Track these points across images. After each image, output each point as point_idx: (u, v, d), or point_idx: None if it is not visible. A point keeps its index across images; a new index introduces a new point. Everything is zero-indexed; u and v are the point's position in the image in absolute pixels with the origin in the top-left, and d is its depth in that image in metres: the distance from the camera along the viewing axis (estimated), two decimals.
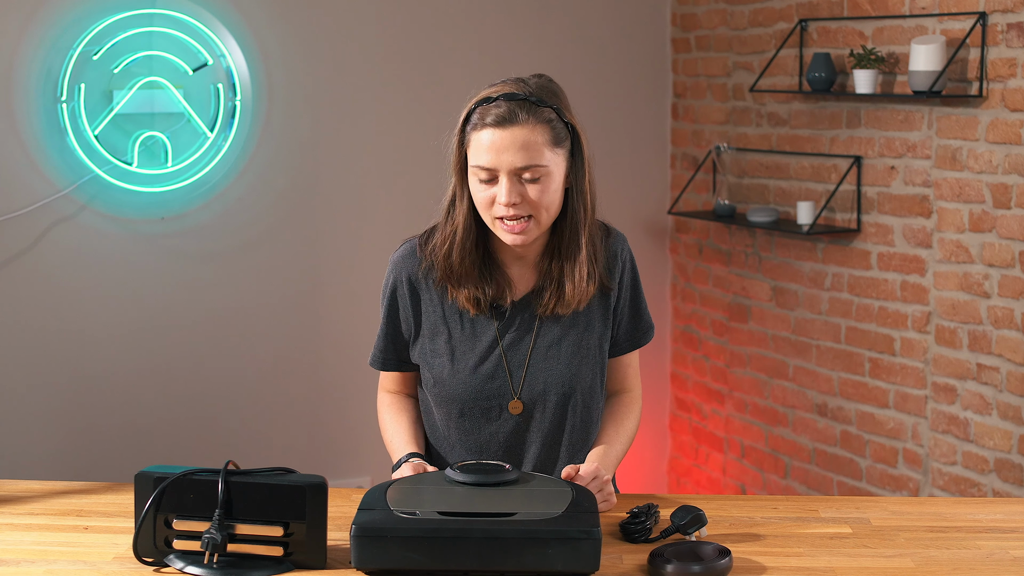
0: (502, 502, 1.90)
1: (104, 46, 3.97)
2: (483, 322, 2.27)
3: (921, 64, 3.62)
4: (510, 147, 2.14)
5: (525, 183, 2.16)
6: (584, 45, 4.74)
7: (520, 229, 2.17)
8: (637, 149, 4.89)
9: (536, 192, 2.16)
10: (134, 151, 4.04)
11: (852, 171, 4.04)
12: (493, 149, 2.14)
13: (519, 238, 2.18)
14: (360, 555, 1.83)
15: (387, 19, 4.42)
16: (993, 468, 3.64)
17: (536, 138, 2.15)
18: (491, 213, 2.18)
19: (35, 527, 2.07)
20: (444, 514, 1.87)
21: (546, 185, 2.17)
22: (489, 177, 2.16)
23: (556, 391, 2.25)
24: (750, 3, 4.48)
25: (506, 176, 2.15)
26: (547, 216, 2.20)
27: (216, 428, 4.30)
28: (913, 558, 1.95)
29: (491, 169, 2.15)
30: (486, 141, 2.15)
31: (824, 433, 4.25)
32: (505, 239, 2.20)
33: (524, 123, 2.14)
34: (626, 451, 2.33)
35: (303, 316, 4.39)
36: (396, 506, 1.89)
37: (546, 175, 2.16)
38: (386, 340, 2.34)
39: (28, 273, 4.01)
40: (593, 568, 1.83)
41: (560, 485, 1.99)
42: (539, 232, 2.21)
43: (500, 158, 2.14)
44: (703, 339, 4.83)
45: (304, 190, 4.38)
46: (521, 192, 2.15)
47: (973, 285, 3.67)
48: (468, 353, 2.26)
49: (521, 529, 1.83)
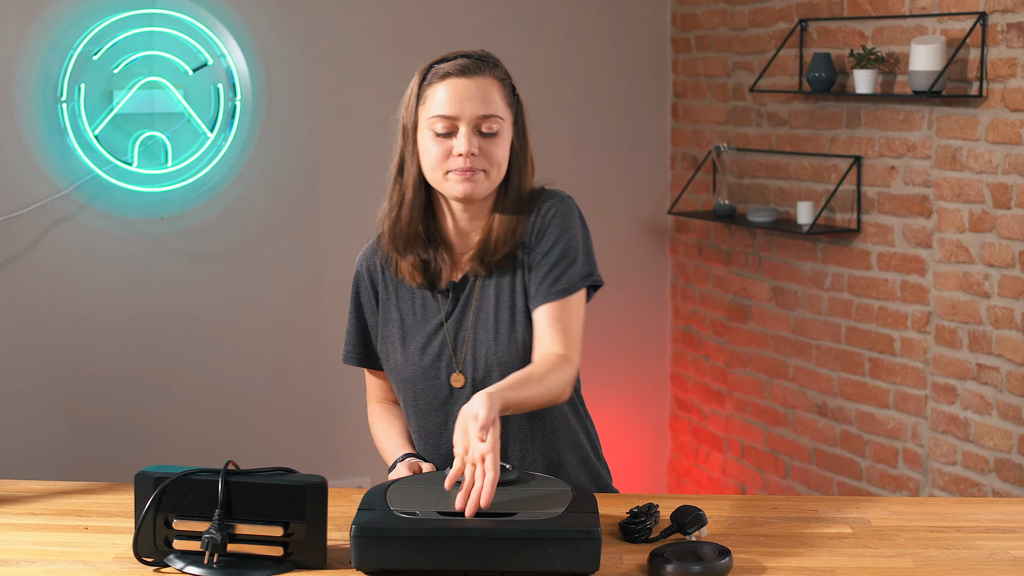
0: (502, 502, 1.90)
1: (104, 46, 3.97)
2: (431, 304, 2.28)
3: (921, 64, 3.62)
4: (473, 96, 2.18)
5: (482, 136, 2.18)
6: (584, 45, 4.74)
7: (471, 177, 2.17)
8: (637, 149, 4.89)
9: (492, 146, 2.19)
10: (134, 151, 4.05)
11: (852, 171, 4.04)
12: (456, 98, 2.18)
13: (470, 186, 2.18)
14: (360, 555, 1.83)
15: (387, 19, 4.42)
16: (993, 468, 3.64)
17: (495, 91, 2.20)
18: (444, 167, 2.19)
19: (35, 527, 2.07)
20: (444, 514, 1.87)
21: (501, 141, 2.20)
22: (447, 129, 2.18)
23: (496, 360, 2.23)
24: (750, 3, 4.48)
25: (466, 126, 2.17)
26: (497, 173, 2.21)
27: (216, 428, 4.30)
28: (913, 558, 1.95)
29: (452, 118, 2.17)
30: (448, 90, 2.18)
31: (824, 433, 4.25)
32: (455, 191, 2.19)
33: (484, 75, 2.20)
34: (524, 398, 2.08)
35: (303, 316, 4.39)
36: (396, 506, 1.89)
37: (501, 131, 2.20)
38: (353, 335, 2.37)
39: (28, 273, 4.01)
40: (593, 568, 1.83)
41: (560, 485, 1.99)
42: (488, 189, 2.21)
43: (462, 106, 2.17)
44: (703, 339, 4.83)
45: (304, 190, 4.39)
46: (478, 145, 2.17)
47: (973, 285, 3.67)
48: (418, 336, 2.28)
49: (521, 529, 1.83)
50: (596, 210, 4.86)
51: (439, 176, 2.20)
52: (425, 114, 2.21)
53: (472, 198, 2.20)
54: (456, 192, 2.19)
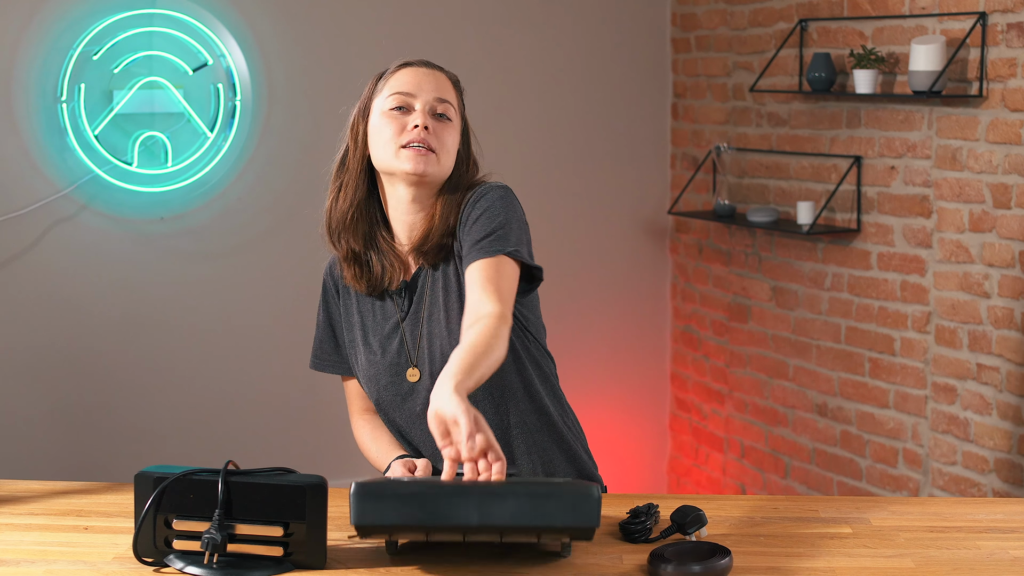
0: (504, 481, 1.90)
1: (104, 46, 3.97)
2: (389, 306, 2.31)
3: (921, 64, 3.62)
4: (431, 81, 2.27)
5: (436, 120, 2.24)
6: (584, 45, 4.74)
7: (425, 154, 2.21)
8: (637, 149, 4.89)
9: (444, 131, 2.24)
10: (134, 151, 4.05)
11: (852, 171, 4.04)
12: (414, 80, 2.27)
13: (422, 161, 2.21)
14: (360, 511, 1.82)
15: (387, 19, 4.42)
16: (993, 468, 3.64)
17: (449, 87, 2.30)
18: (397, 142, 2.22)
19: (35, 527, 2.07)
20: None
21: (452, 129, 2.26)
22: (403, 105, 2.24)
23: (444, 349, 2.24)
24: (750, 3, 4.48)
25: (422, 104, 2.25)
26: (447, 160, 2.25)
27: (216, 428, 4.30)
28: (913, 558, 1.95)
29: (410, 94, 2.25)
30: (407, 75, 2.28)
31: (824, 433, 4.25)
32: (407, 165, 2.21)
33: (442, 72, 2.31)
34: (479, 379, 2.01)
35: (303, 316, 4.38)
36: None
37: (454, 122, 2.27)
38: (326, 343, 2.41)
39: (28, 273, 4.01)
40: (594, 523, 1.82)
41: (560, 477, 2.00)
42: (438, 173, 2.23)
43: (421, 86, 2.26)
44: (703, 339, 4.83)
45: (304, 190, 4.38)
46: (432, 126, 2.23)
47: (973, 285, 3.67)
48: (378, 336, 2.31)
49: (522, 484, 1.84)
50: (596, 210, 4.87)
51: (391, 152, 2.23)
52: (380, 98, 2.28)
53: (423, 174, 2.21)
54: (407, 167, 2.21)
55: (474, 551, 1.96)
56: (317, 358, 2.44)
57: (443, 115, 2.25)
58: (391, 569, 1.89)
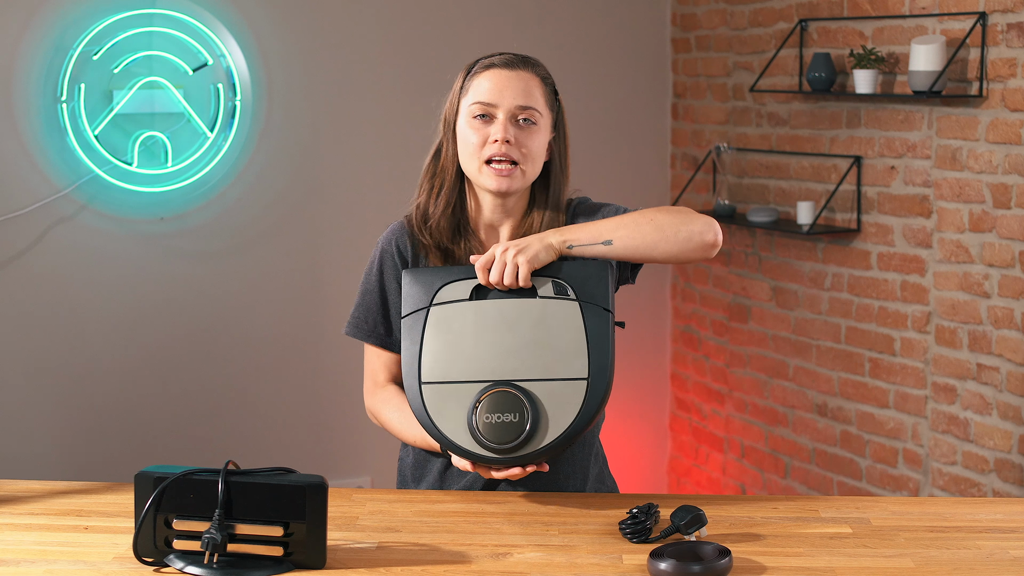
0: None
1: (104, 46, 3.97)
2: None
3: (921, 64, 3.62)
4: (514, 86, 2.23)
5: (519, 127, 2.23)
6: (584, 45, 4.74)
7: (507, 172, 2.22)
8: (637, 149, 4.89)
9: (527, 137, 2.23)
10: (134, 151, 4.05)
11: (852, 171, 4.04)
12: (496, 87, 2.23)
13: (504, 181, 2.22)
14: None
15: (387, 19, 4.42)
16: (993, 468, 3.64)
17: (536, 86, 2.26)
18: (480, 156, 2.23)
19: (35, 527, 2.07)
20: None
21: (537, 134, 2.24)
22: (485, 113, 2.23)
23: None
24: (750, 3, 4.48)
25: (504, 114, 2.22)
26: (532, 168, 2.25)
27: (216, 428, 4.30)
28: (913, 558, 1.95)
29: (491, 104, 2.23)
30: (490, 79, 2.24)
31: (824, 433, 4.25)
32: (490, 184, 2.23)
33: (528, 70, 2.26)
34: (603, 225, 2.20)
35: (303, 316, 4.39)
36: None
37: (539, 126, 2.25)
38: (374, 313, 2.35)
39: (28, 273, 4.01)
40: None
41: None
42: (522, 184, 2.25)
43: (502, 95, 2.22)
44: (703, 339, 4.83)
45: (304, 190, 4.39)
46: (515, 135, 2.22)
47: (973, 285, 3.67)
48: None
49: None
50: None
51: (475, 167, 2.25)
52: (466, 103, 2.26)
53: (505, 192, 2.24)
54: (490, 185, 2.24)
55: (474, 552, 1.96)
56: (358, 326, 2.37)
57: (528, 120, 2.23)
58: (391, 569, 1.89)
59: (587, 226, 2.19)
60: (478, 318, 2.12)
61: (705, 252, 2.23)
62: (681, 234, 2.21)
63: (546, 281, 2.13)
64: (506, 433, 2.07)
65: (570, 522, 2.11)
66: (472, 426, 2.08)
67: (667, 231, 2.20)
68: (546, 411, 2.09)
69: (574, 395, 2.10)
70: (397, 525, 2.09)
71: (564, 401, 2.09)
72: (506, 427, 2.07)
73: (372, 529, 2.07)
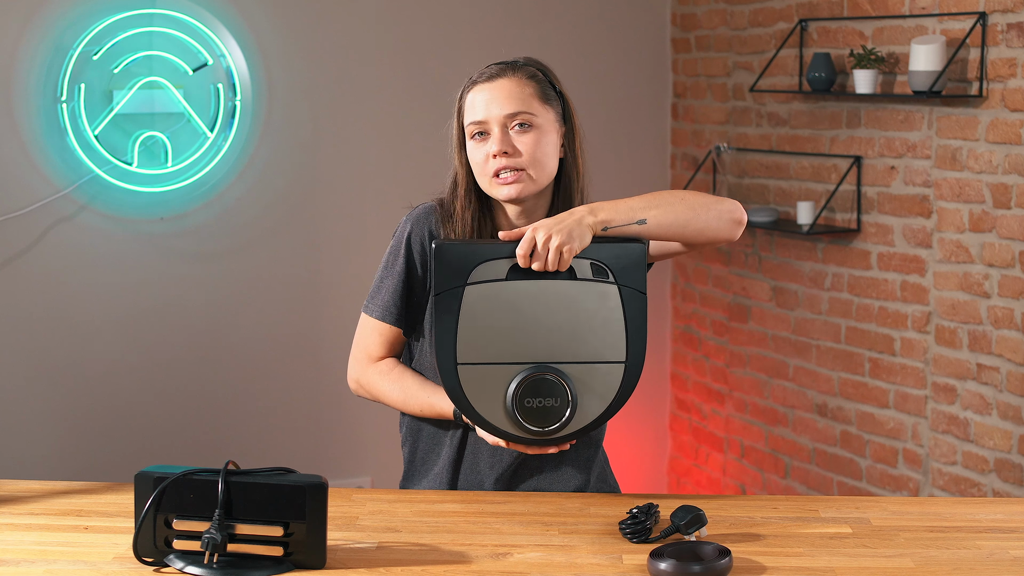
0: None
1: (104, 46, 3.97)
2: None
3: (921, 64, 3.62)
4: (498, 97, 2.23)
5: (515, 134, 2.22)
6: (584, 45, 4.74)
7: (513, 179, 2.22)
8: (637, 149, 4.89)
9: (526, 143, 2.22)
10: (134, 151, 4.05)
11: (852, 171, 4.04)
12: (483, 103, 2.23)
13: (512, 189, 2.22)
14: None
15: (387, 19, 4.42)
16: (993, 468, 3.65)
17: (523, 89, 2.25)
18: (486, 172, 2.23)
19: (35, 527, 2.07)
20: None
21: (537, 138, 2.23)
22: (482, 130, 2.23)
23: None
24: (750, 3, 4.48)
25: (496, 126, 2.22)
26: (540, 172, 2.24)
27: (216, 428, 4.30)
28: (913, 558, 1.95)
29: (482, 122, 2.23)
30: (477, 96, 2.24)
31: (824, 433, 4.25)
32: (499, 194, 2.24)
33: (510, 77, 2.26)
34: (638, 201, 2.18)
35: (303, 316, 4.39)
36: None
37: (537, 128, 2.23)
38: (395, 292, 2.31)
39: (28, 273, 4.01)
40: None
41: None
42: (533, 188, 2.24)
43: (489, 109, 2.22)
44: (703, 339, 4.83)
45: (304, 190, 4.39)
46: (512, 143, 2.21)
47: (973, 285, 3.67)
48: None
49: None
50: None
51: (486, 183, 2.25)
52: (464, 124, 2.27)
53: (516, 199, 2.24)
54: (502, 195, 2.24)
55: (474, 552, 1.96)
56: (379, 306, 2.34)
57: (522, 124, 2.23)
58: (391, 569, 1.89)
59: (619, 204, 2.16)
60: (515, 299, 2.11)
61: (733, 231, 2.24)
62: (712, 211, 2.21)
63: (583, 262, 2.12)
64: (547, 418, 2.10)
65: (570, 522, 2.11)
66: (511, 410, 2.10)
67: (698, 210, 2.20)
68: (584, 394, 2.10)
69: (612, 378, 2.11)
70: (397, 525, 2.09)
71: (601, 384, 2.11)
72: (547, 412, 2.09)
73: (372, 529, 2.07)
